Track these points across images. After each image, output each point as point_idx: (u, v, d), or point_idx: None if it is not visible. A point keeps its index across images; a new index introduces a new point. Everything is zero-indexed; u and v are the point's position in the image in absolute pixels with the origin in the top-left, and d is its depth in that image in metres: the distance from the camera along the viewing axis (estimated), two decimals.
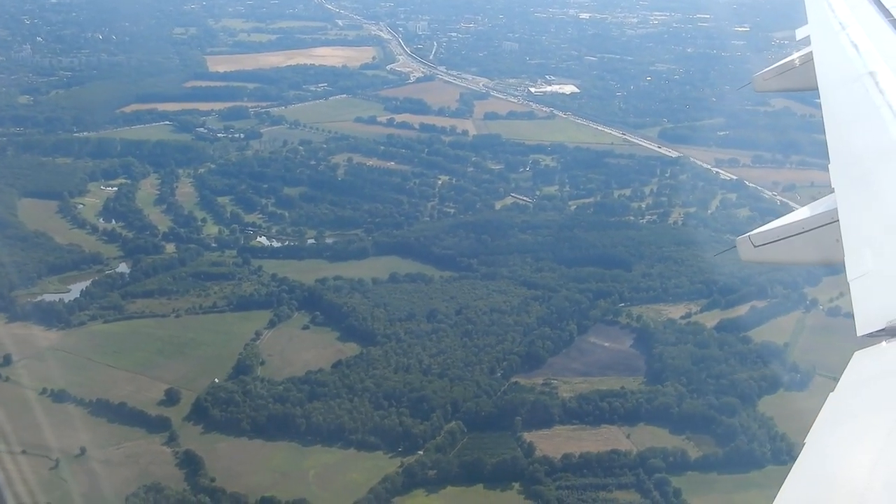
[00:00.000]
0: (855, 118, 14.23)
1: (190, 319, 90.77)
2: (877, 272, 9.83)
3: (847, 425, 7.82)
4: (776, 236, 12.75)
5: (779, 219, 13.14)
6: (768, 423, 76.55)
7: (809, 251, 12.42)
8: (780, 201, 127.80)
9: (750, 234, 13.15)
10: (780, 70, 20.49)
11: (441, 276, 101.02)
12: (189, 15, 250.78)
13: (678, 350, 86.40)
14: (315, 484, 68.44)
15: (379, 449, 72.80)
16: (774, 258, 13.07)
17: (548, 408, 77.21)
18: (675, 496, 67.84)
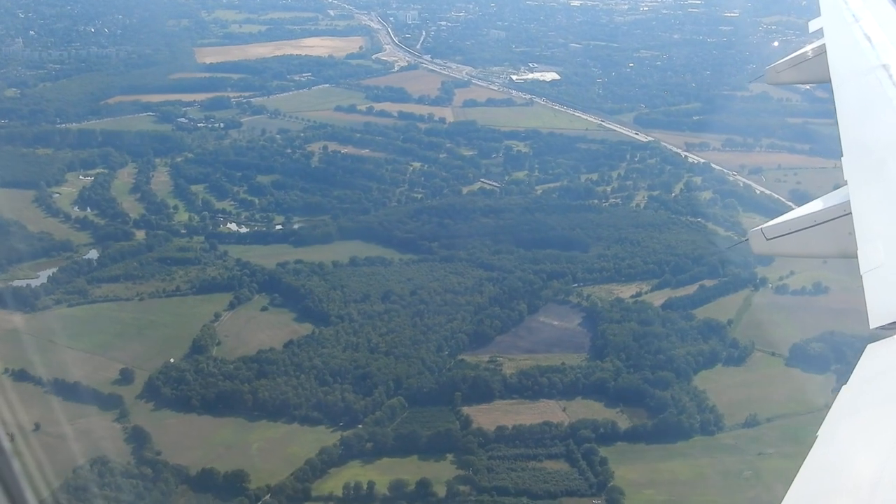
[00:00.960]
0: (868, 110, 14.37)
1: (153, 303, 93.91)
2: (890, 265, 9.79)
3: (859, 418, 7.82)
4: (788, 229, 12.74)
5: (791, 211, 13.28)
6: (700, 396, 79.37)
7: (822, 244, 12.44)
8: (742, 183, 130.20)
9: (762, 228, 13.27)
10: (793, 62, 20.46)
11: (401, 259, 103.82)
12: (182, 7, 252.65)
13: (621, 328, 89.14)
14: (257, 457, 71.55)
15: (321, 423, 75.83)
16: (787, 251, 13.18)
17: (488, 383, 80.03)
18: (601, 465, 70.48)
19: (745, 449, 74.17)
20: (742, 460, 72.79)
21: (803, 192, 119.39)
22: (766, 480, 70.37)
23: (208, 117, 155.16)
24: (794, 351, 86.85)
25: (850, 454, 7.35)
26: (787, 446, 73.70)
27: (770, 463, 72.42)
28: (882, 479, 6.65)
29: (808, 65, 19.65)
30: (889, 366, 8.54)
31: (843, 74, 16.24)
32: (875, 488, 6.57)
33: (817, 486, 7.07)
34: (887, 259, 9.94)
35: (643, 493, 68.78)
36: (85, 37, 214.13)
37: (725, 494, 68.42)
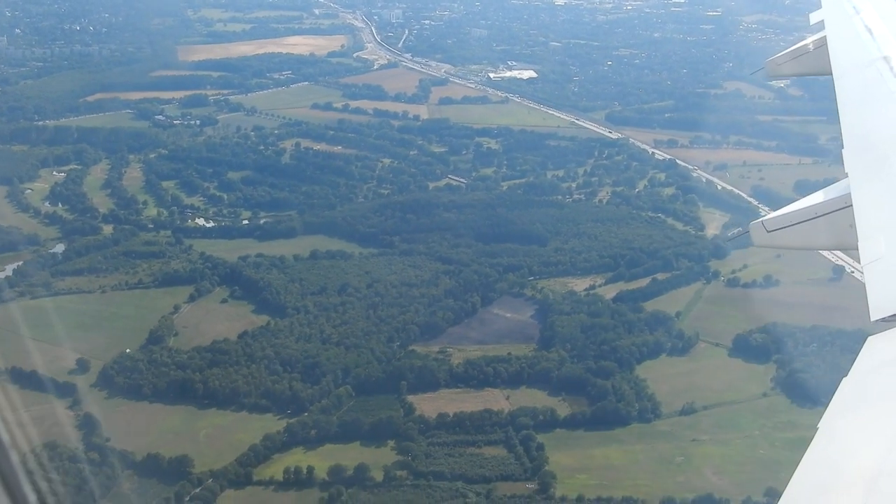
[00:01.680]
0: (869, 103, 14.28)
1: (115, 295, 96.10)
2: (890, 257, 9.74)
3: (860, 411, 7.81)
4: (789, 221, 12.64)
5: (792, 203, 13.12)
6: (641, 384, 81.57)
7: (823, 236, 12.42)
8: (705, 180, 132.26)
9: (763, 220, 13.15)
10: (794, 55, 20.19)
11: (361, 252, 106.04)
12: (169, 5, 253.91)
13: (570, 319, 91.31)
14: (203, 443, 73.76)
15: (269, 411, 77.97)
16: (788, 243, 13.08)
17: (434, 373, 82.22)
18: (537, 451, 72.61)
19: (679, 435, 76.34)
20: (676, 446, 74.96)
21: (765, 188, 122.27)
22: (697, 465, 72.65)
23: (185, 114, 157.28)
24: (736, 341, 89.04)
25: (851, 447, 7.27)
26: (720, 433, 76.05)
27: (702, 449, 74.68)
28: (883, 471, 6.61)
29: (809, 57, 19.40)
30: (889, 358, 8.47)
31: (844, 66, 16.07)
32: (876, 481, 6.54)
33: (817, 480, 7.02)
34: (888, 251, 9.86)
35: (576, 478, 70.83)
36: (70, 35, 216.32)
37: (655, 479, 70.51)
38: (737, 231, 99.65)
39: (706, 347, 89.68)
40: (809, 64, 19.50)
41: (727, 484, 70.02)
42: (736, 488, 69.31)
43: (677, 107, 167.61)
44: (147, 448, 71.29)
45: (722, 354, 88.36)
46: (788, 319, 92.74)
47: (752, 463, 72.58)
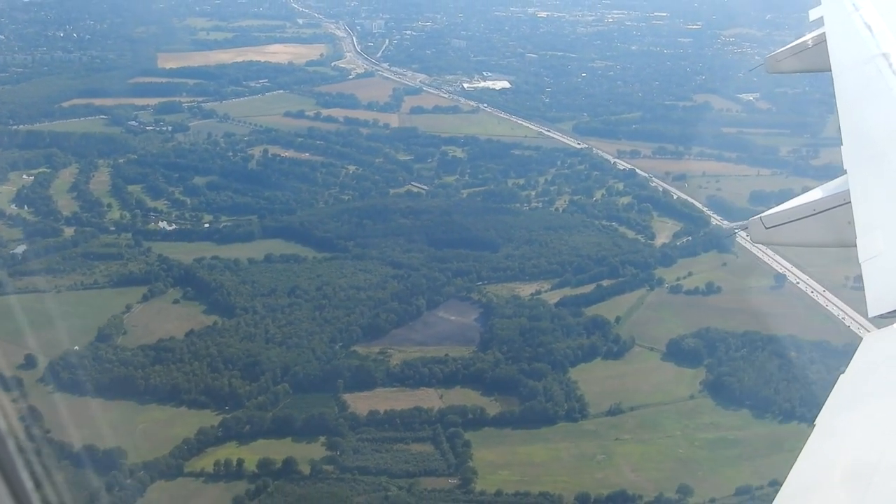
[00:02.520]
0: (868, 99, 14.20)
1: (69, 295, 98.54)
2: (889, 254, 9.73)
3: (858, 407, 7.82)
4: (787, 218, 12.71)
5: (790, 200, 13.20)
6: (571, 386, 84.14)
7: (821, 233, 12.41)
8: (662, 189, 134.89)
9: (761, 216, 13.13)
10: (793, 51, 20.29)
11: (315, 256, 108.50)
12: (155, 14, 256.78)
13: (511, 323, 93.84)
14: (140, 436, 76.24)
15: (208, 407, 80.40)
16: (786, 240, 13.21)
17: (371, 372, 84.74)
18: (463, 447, 75.09)
19: (603, 434, 78.84)
20: (599, 445, 77.46)
21: (720, 198, 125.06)
22: (617, 463, 75.18)
23: (158, 121, 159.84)
24: (670, 346, 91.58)
25: (848, 443, 7.30)
26: (643, 433, 78.60)
27: (624, 448, 77.21)
28: (880, 468, 6.62)
29: (808, 53, 19.46)
30: (887, 355, 8.51)
31: (843, 63, 16.13)
32: (873, 477, 6.55)
33: (814, 475, 7.05)
34: (886, 248, 9.89)
35: (498, 474, 73.25)
36: (53, 41, 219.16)
37: (575, 476, 72.99)
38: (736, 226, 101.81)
39: (641, 351, 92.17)
40: (809, 60, 19.52)
41: (643, 480, 72.53)
42: (651, 485, 71.87)
43: (644, 118, 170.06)
44: (83, 439, 73.52)
45: (655, 358, 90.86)
46: (723, 325, 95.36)
47: (670, 461, 75.21)
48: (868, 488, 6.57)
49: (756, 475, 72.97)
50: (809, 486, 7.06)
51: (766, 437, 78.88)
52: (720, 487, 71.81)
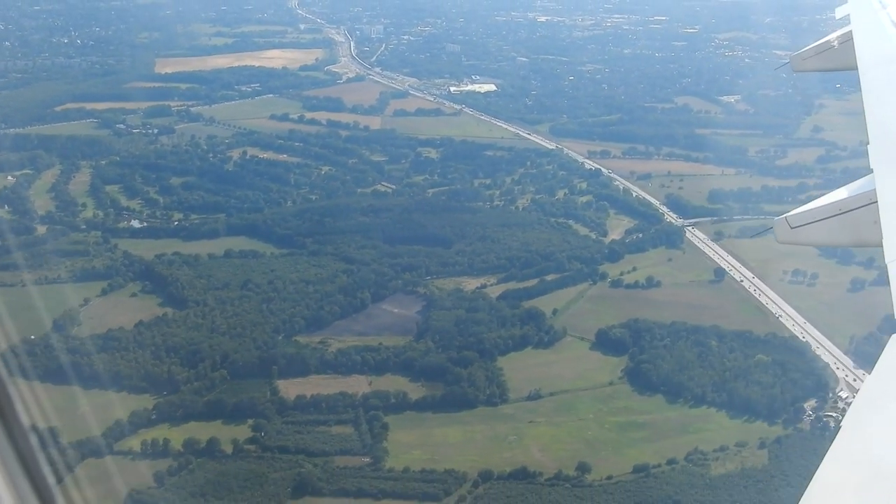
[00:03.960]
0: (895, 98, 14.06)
1: (33, 289, 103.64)
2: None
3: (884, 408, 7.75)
4: (813, 218, 12.53)
5: (816, 199, 13.03)
6: (496, 373, 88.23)
7: (846, 233, 12.22)
8: (623, 188, 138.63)
9: (787, 216, 13.01)
10: (818, 50, 20.22)
11: (273, 252, 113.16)
12: (160, 20, 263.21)
13: (448, 314, 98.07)
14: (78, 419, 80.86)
15: (147, 392, 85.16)
16: (811, 240, 12.96)
17: (306, 360, 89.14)
18: (381, 429, 79.41)
19: (519, 418, 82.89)
20: (512, 427, 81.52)
21: (678, 197, 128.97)
22: (527, 444, 79.26)
23: (146, 124, 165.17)
24: (599, 335, 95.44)
25: (875, 444, 7.27)
26: (557, 416, 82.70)
27: (536, 430, 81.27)
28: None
29: (834, 52, 19.51)
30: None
31: (870, 61, 15.94)
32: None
33: (841, 476, 7.03)
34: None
35: (411, 454, 77.44)
36: (56, 48, 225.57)
37: (484, 455, 77.02)
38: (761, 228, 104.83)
39: (571, 341, 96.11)
40: (834, 59, 19.50)
41: (547, 460, 76.58)
42: (554, 463, 75.93)
43: (622, 120, 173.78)
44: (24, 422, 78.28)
45: (584, 348, 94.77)
46: (655, 317, 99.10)
47: (578, 442, 79.22)
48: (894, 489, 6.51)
49: (656, 455, 76.92)
50: (836, 487, 7.00)
51: (673, 420, 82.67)
52: (619, 466, 75.69)
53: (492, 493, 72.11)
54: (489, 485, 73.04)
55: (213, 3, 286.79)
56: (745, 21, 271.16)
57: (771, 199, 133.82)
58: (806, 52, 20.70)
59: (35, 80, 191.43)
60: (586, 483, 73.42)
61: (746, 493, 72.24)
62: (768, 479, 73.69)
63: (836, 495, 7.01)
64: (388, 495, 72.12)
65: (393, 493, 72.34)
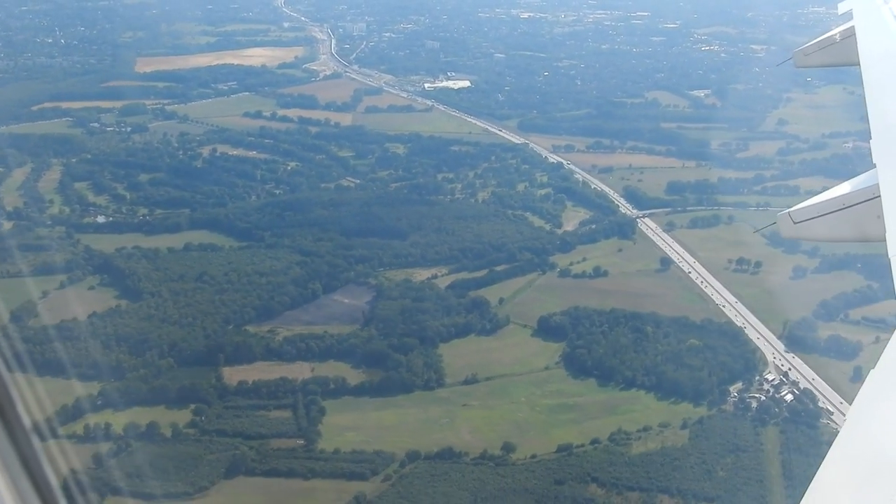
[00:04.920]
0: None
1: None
2: None
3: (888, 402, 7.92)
4: (816, 212, 12.54)
5: (820, 194, 13.06)
6: (436, 359, 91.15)
7: (850, 228, 12.19)
8: (582, 181, 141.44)
9: (790, 211, 12.97)
10: (821, 45, 20.32)
11: (232, 245, 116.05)
12: (146, 19, 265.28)
13: (395, 304, 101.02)
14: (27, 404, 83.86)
15: (95, 379, 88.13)
16: (814, 235, 12.96)
17: (252, 348, 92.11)
18: (318, 413, 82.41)
19: (453, 401, 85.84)
20: (446, 410, 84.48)
21: (635, 189, 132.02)
22: (457, 426, 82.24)
23: (120, 122, 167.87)
24: (540, 322, 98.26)
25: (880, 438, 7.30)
26: (491, 400, 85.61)
27: (469, 412, 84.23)
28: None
29: (836, 47, 19.54)
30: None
31: (873, 56, 15.97)
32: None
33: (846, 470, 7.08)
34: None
35: (344, 436, 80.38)
36: (40, 47, 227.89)
37: (414, 436, 79.94)
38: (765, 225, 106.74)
39: (514, 328, 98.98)
40: (836, 54, 19.54)
41: (476, 440, 79.48)
42: (481, 444, 78.83)
43: (590, 115, 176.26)
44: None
45: (526, 334, 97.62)
46: (598, 304, 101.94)
47: (507, 424, 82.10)
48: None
49: (581, 435, 79.93)
50: (840, 480, 7.02)
51: (603, 402, 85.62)
52: (544, 446, 78.60)
53: (417, 473, 74.96)
54: (416, 465, 75.82)
55: (200, 2, 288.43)
56: (726, 16, 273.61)
57: (726, 191, 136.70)
58: (808, 48, 20.76)
59: (15, 80, 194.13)
60: (510, 462, 76.06)
61: (662, 469, 74.97)
62: (685, 457, 76.59)
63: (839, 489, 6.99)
64: (317, 475, 74.89)
65: (322, 473, 75.12)
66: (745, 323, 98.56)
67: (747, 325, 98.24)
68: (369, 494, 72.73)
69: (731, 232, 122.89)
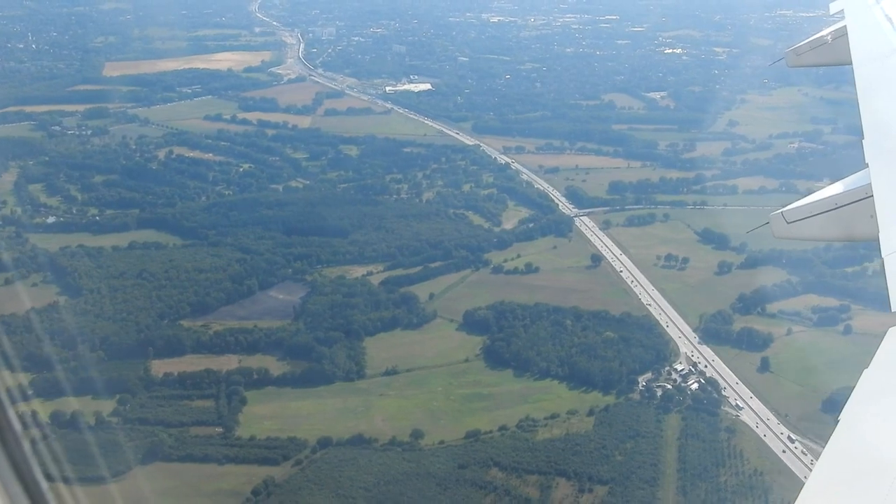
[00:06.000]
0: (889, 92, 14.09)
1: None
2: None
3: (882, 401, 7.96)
4: (809, 212, 12.58)
5: (812, 194, 13.05)
6: (360, 351, 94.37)
7: (843, 227, 12.20)
8: (526, 181, 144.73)
9: (783, 211, 12.98)
10: (813, 45, 20.23)
11: (176, 244, 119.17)
12: (119, 25, 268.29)
13: (326, 299, 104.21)
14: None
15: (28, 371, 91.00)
16: (807, 234, 12.91)
17: (183, 342, 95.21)
18: (239, 402, 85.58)
19: (372, 391, 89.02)
20: (363, 400, 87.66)
21: (577, 189, 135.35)
22: (372, 415, 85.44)
23: (81, 125, 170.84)
24: (466, 317, 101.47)
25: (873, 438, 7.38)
26: (408, 390, 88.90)
27: (385, 402, 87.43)
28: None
29: (828, 47, 19.50)
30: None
31: (864, 56, 16.04)
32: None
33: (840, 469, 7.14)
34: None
35: (263, 424, 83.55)
36: (10, 52, 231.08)
37: (330, 424, 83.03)
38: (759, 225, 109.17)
39: (441, 322, 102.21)
40: (828, 54, 19.51)
41: (388, 428, 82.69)
42: (392, 430, 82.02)
43: (545, 117, 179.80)
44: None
45: (451, 328, 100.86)
46: (524, 299, 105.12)
47: (421, 413, 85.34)
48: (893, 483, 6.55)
49: (491, 423, 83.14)
50: (834, 480, 7.08)
51: (516, 392, 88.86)
52: (453, 433, 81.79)
53: (326, 458, 78.12)
54: (326, 451, 78.93)
55: (174, 8, 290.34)
56: (694, 20, 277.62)
57: (667, 190, 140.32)
58: (801, 48, 20.75)
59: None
60: (417, 448, 79.23)
61: (563, 454, 78.26)
62: (587, 443, 79.87)
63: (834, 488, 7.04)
64: (231, 461, 78.07)
65: (236, 459, 78.29)
66: (663, 316, 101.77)
67: (666, 318, 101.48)
68: (278, 478, 75.43)
69: (665, 230, 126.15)
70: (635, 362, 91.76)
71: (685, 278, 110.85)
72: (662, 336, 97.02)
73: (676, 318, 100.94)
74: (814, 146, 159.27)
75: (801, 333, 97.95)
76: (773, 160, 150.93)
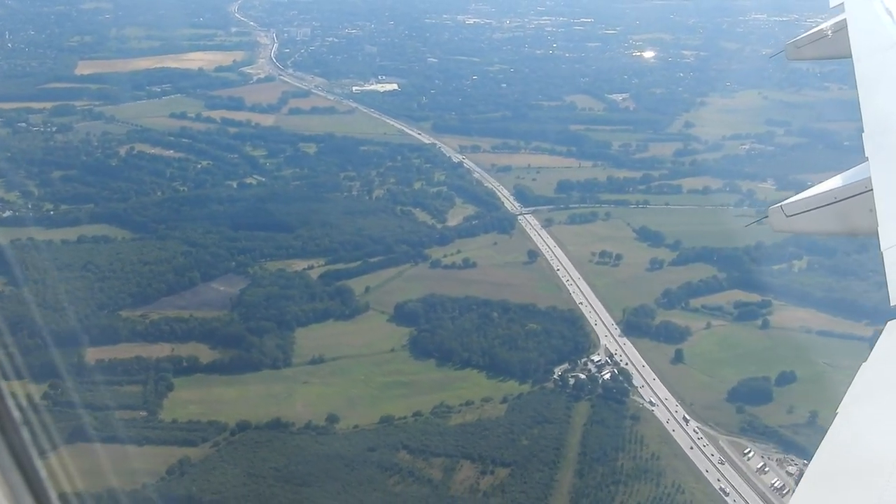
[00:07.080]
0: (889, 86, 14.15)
1: None
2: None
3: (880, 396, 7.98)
4: (808, 206, 12.70)
5: (812, 188, 13.07)
6: (289, 340, 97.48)
7: (842, 221, 12.34)
8: (476, 180, 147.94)
9: (783, 204, 13.05)
10: (812, 38, 20.25)
11: (125, 237, 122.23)
12: (95, 24, 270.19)
13: (263, 291, 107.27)
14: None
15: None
16: (806, 228, 13.03)
17: (118, 330, 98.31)
18: (166, 388, 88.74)
19: (296, 379, 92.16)
20: (287, 387, 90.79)
21: (526, 187, 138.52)
22: (293, 401, 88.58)
23: (47, 122, 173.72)
24: (397, 309, 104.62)
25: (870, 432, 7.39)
26: (331, 378, 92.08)
27: (307, 389, 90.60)
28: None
29: (828, 41, 19.55)
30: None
31: (864, 49, 16.05)
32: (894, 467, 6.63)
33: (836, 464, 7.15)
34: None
35: (188, 409, 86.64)
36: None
37: (251, 410, 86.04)
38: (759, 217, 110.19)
39: (373, 314, 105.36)
40: (828, 48, 19.54)
41: (306, 413, 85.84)
42: (310, 415, 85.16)
43: (505, 117, 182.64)
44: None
45: (382, 320, 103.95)
46: (456, 293, 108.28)
47: (340, 399, 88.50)
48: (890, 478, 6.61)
49: (406, 409, 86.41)
50: (830, 475, 7.14)
51: (435, 380, 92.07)
52: (369, 418, 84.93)
53: (243, 441, 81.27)
54: (244, 434, 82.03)
55: (152, 8, 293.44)
56: (667, 23, 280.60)
57: (612, 190, 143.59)
58: (800, 41, 20.74)
59: None
60: (332, 431, 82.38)
61: (471, 438, 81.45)
62: (496, 428, 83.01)
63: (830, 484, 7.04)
64: (151, 442, 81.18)
65: (157, 440, 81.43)
66: (589, 310, 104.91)
67: (592, 311, 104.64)
68: (194, 459, 78.56)
69: (604, 227, 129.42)
70: (554, 353, 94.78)
71: (616, 274, 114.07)
72: (584, 329, 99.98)
73: (602, 312, 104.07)
74: (763, 147, 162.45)
75: (719, 327, 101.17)
76: (721, 161, 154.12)
